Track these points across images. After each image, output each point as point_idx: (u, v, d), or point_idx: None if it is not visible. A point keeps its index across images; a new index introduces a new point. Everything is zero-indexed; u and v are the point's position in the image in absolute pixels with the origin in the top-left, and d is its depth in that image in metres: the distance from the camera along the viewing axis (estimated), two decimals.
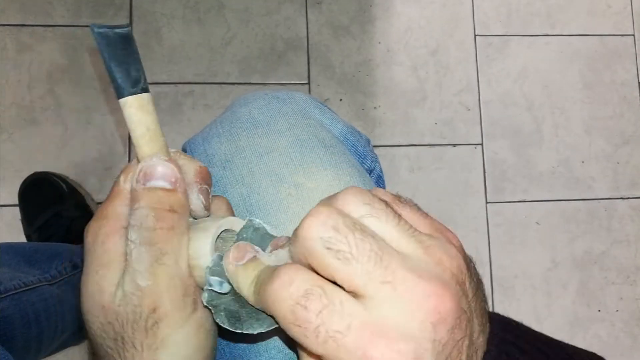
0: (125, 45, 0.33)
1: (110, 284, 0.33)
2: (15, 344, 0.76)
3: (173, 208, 0.33)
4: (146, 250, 0.32)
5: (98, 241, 0.34)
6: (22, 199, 1.25)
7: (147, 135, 0.34)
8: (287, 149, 0.48)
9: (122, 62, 0.32)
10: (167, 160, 0.34)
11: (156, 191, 0.33)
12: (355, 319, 0.26)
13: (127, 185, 0.35)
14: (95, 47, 0.32)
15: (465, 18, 1.50)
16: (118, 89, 0.32)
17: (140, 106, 0.33)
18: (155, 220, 0.32)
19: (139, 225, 0.32)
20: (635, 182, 1.48)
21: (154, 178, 0.33)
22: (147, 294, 0.32)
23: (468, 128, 1.45)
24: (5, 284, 0.76)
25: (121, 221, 0.34)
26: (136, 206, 0.33)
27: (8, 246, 0.91)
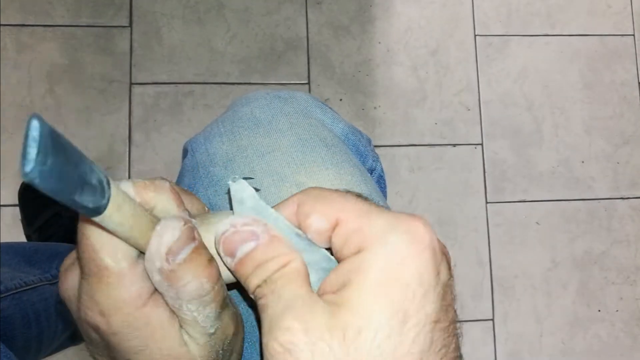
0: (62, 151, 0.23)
1: (181, 347, 0.32)
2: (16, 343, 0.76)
3: (210, 258, 0.32)
4: (212, 309, 0.32)
5: (138, 326, 0.31)
6: (22, 199, 1.25)
7: (134, 224, 0.29)
8: (288, 148, 0.48)
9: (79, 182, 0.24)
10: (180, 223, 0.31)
11: (191, 259, 0.30)
12: None
13: (123, 265, 0.30)
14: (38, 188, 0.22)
15: (465, 18, 1.50)
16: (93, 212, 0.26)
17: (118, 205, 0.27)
18: (209, 283, 0.31)
19: (197, 297, 0.31)
20: (635, 182, 1.48)
21: (180, 250, 0.30)
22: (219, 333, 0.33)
23: (468, 128, 1.45)
24: (5, 284, 0.76)
25: (143, 296, 0.31)
26: (181, 284, 0.30)
27: (8, 246, 0.91)
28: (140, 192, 0.32)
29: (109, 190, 0.26)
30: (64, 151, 0.23)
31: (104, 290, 0.30)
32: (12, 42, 1.34)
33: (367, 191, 0.49)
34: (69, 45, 1.36)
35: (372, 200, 0.32)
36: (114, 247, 0.30)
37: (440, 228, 1.41)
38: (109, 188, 0.26)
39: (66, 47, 1.36)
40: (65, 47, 1.36)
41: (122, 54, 1.37)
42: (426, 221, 0.29)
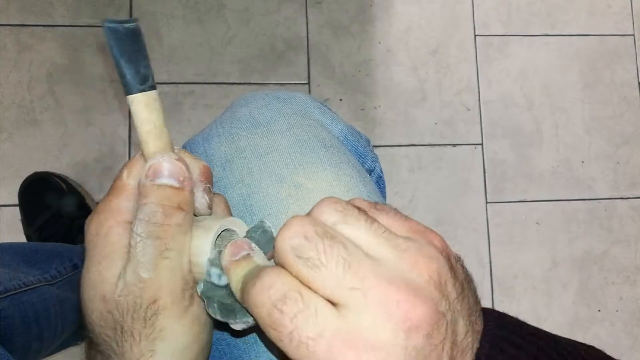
0: (134, 40, 0.32)
1: (112, 275, 0.34)
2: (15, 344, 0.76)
3: (180, 206, 0.34)
4: (152, 244, 0.33)
5: (101, 233, 0.35)
6: (22, 199, 1.25)
7: (153, 132, 0.34)
8: (287, 149, 0.48)
9: (131, 58, 0.32)
10: (177, 159, 0.35)
11: (165, 188, 0.34)
12: (328, 326, 0.27)
13: (130, 181, 0.35)
14: (106, 42, 0.32)
15: (465, 18, 1.50)
16: (127, 86, 0.32)
17: (148, 104, 0.33)
18: (164, 216, 0.33)
19: (147, 220, 0.33)
20: (635, 182, 1.48)
21: (163, 175, 0.34)
22: (148, 286, 0.33)
23: (468, 128, 1.45)
24: (5, 284, 0.76)
25: (124, 215, 0.35)
26: (144, 201, 0.34)
27: (8, 246, 0.91)
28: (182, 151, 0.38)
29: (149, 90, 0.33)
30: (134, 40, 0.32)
31: (107, 195, 0.36)
32: (12, 42, 1.34)
33: (366, 192, 0.49)
34: (69, 45, 1.36)
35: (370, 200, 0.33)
36: (134, 166, 0.36)
37: (441, 228, 1.40)
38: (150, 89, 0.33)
39: (66, 47, 1.36)
40: (65, 47, 1.36)
41: None
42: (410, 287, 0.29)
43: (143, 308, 0.33)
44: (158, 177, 0.34)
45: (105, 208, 0.35)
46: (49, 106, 1.33)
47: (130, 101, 0.33)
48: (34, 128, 1.32)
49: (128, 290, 0.33)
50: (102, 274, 0.34)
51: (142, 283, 0.33)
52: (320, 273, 0.28)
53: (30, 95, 1.33)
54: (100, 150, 1.33)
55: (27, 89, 1.33)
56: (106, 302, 0.33)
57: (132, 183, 0.35)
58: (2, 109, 1.31)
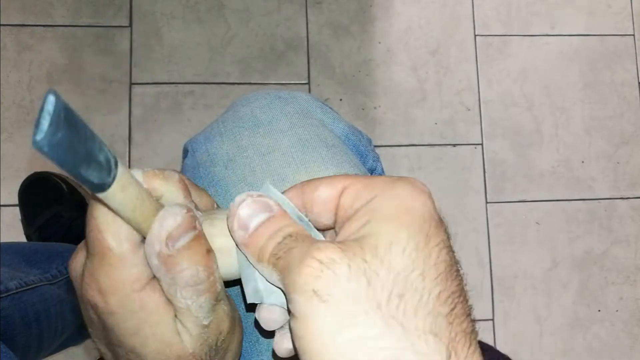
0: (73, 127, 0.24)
1: (174, 335, 0.33)
2: (16, 343, 0.76)
3: (208, 249, 0.33)
4: (205, 299, 0.33)
5: (134, 308, 0.32)
6: (22, 199, 1.25)
7: (137, 206, 0.30)
8: (289, 148, 0.48)
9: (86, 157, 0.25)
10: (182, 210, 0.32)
11: (190, 246, 0.32)
12: None
13: (124, 247, 0.31)
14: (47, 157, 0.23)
15: (465, 18, 1.50)
16: (98, 188, 0.26)
17: (123, 185, 0.28)
18: (205, 272, 0.32)
19: (192, 283, 0.32)
20: (635, 182, 1.48)
21: (180, 236, 0.31)
22: (212, 327, 0.34)
23: (468, 128, 1.45)
24: (5, 284, 0.76)
25: (141, 280, 0.32)
26: (178, 269, 0.31)
27: (8, 246, 0.91)
28: (149, 179, 0.33)
29: (116, 170, 0.27)
30: (75, 127, 0.24)
31: (104, 270, 0.31)
32: (12, 42, 1.34)
33: None
34: (69, 45, 1.36)
35: None
36: (118, 229, 0.31)
37: None
38: (116, 168, 0.27)
39: (66, 47, 1.36)
40: (65, 47, 1.36)
41: (122, 54, 1.37)
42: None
43: (214, 343, 0.34)
44: (178, 240, 0.31)
45: (115, 285, 0.32)
46: None
47: (105, 197, 0.27)
48: (33, 128, 1.31)
49: (197, 340, 0.33)
50: (164, 340, 0.33)
51: (207, 327, 0.34)
52: None
53: (30, 95, 1.33)
54: None
55: (27, 89, 1.33)
56: (182, 358, 0.34)
57: (127, 247, 0.31)
58: (2, 109, 1.31)
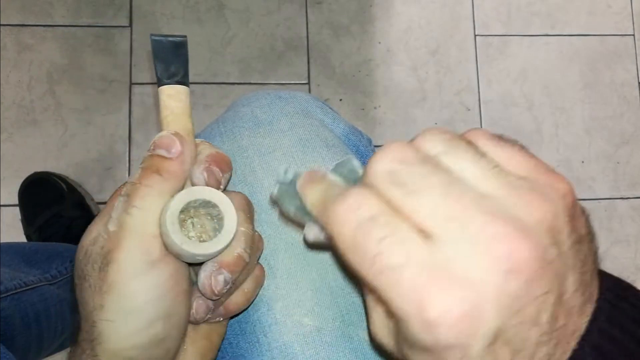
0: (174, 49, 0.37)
1: (95, 229, 0.36)
2: (16, 343, 0.76)
3: (159, 171, 0.35)
4: (123, 200, 0.35)
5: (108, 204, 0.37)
6: (22, 199, 1.25)
7: (169, 117, 0.37)
8: (289, 148, 0.48)
9: (165, 60, 0.37)
10: (174, 134, 0.36)
11: (154, 157, 0.36)
12: (417, 255, 0.25)
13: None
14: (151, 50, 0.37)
15: (465, 18, 1.50)
16: (157, 81, 0.37)
17: (170, 94, 0.37)
18: (139, 177, 0.35)
19: (130, 180, 0.36)
20: (635, 182, 1.48)
21: (157, 147, 0.36)
22: (110, 239, 0.35)
23: (468, 128, 1.45)
24: (5, 284, 0.76)
25: None
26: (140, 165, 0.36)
27: (8, 246, 0.91)
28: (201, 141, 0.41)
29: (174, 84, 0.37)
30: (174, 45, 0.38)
31: None
32: (12, 42, 1.34)
33: None
34: (69, 45, 1.36)
35: None
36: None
37: None
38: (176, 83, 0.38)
39: (66, 47, 1.36)
40: (65, 47, 1.36)
41: (122, 54, 1.37)
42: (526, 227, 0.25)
43: (100, 259, 0.35)
44: (154, 149, 0.36)
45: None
46: (49, 106, 1.33)
47: (159, 92, 0.37)
48: (34, 128, 1.32)
49: (95, 240, 0.35)
50: (90, 228, 0.37)
51: (107, 235, 0.35)
52: (416, 199, 0.25)
53: (30, 95, 1.33)
54: (100, 150, 1.33)
55: (27, 89, 1.33)
56: (80, 251, 0.36)
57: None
58: (2, 109, 1.31)
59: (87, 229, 0.37)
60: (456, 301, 0.24)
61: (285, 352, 0.43)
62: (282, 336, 0.44)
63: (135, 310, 0.35)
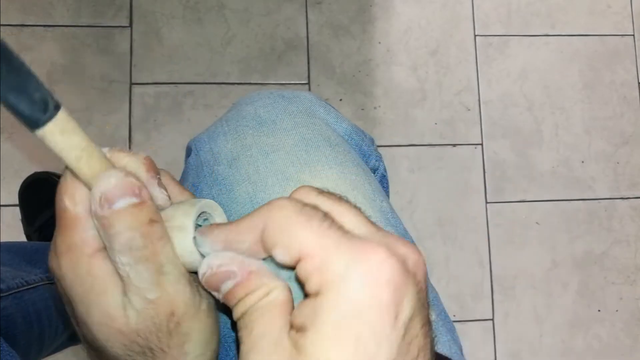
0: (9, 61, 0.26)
1: (117, 308, 0.32)
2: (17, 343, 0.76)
3: (151, 219, 0.32)
4: (145, 268, 0.32)
5: (81, 273, 0.32)
6: (22, 199, 1.25)
7: (83, 157, 0.30)
8: (293, 147, 0.48)
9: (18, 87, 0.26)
10: (120, 173, 0.31)
11: (127, 210, 0.31)
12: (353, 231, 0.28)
13: (79, 209, 0.32)
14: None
15: (465, 18, 1.50)
16: (29, 122, 0.27)
17: (63, 129, 0.28)
18: (142, 238, 0.31)
19: (128, 248, 0.31)
20: (635, 182, 1.48)
21: (117, 198, 0.30)
22: (160, 304, 0.32)
23: (468, 128, 1.45)
24: (7, 283, 0.76)
25: (92, 245, 0.32)
26: (113, 232, 0.31)
27: (9, 245, 0.91)
28: (114, 151, 0.35)
29: (55, 112, 0.28)
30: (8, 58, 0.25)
31: (60, 232, 0.32)
32: (12, 42, 1.34)
33: (371, 191, 0.49)
34: (69, 45, 1.36)
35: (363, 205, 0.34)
36: (75, 191, 0.32)
37: (441, 228, 1.41)
38: (56, 111, 0.28)
39: (66, 47, 1.36)
40: (65, 47, 1.36)
41: (122, 54, 1.37)
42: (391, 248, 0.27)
43: (164, 324, 0.33)
44: (113, 202, 0.30)
45: (68, 247, 0.33)
46: None
47: (42, 136, 0.28)
48: None
49: (143, 317, 0.32)
50: (107, 312, 0.32)
51: (153, 304, 0.32)
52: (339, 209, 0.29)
53: None
54: None
55: None
56: (125, 335, 0.32)
57: (81, 210, 0.32)
58: (2, 109, 1.31)
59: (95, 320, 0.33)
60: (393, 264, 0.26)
61: None
62: None
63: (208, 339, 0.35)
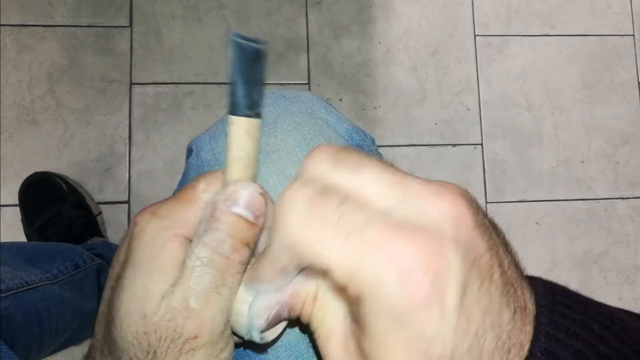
0: (257, 63, 0.31)
1: (158, 293, 0.31)
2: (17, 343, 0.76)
3: (249, 243, 0.31)
4: (210, 274, 0.30)
5: (157, 242, 0.31)
6: (22, 199, 1.25)
7: (244, 161, 0.32)
8: (294, 147, 0.48)
9: (248, 79, 0.31)
10: (260, 193, 0.32)
11: (240, 219, 0.31)
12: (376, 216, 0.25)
13: (205, 196, 0.33)
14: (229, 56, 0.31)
15: (465, 18, 1.50)
16: (235, 106, 0.31)
17: (249, 130, 0.32)
18: (231, 249, 0.31)
19: (214, 247, 0.31)
20: (635, 182, 1.48)
21: (242, 205, 0.31)
22: (193, 318, 0.30)
23: (468, 128, 1.45)
24: (7, 283, 0.76)
25: (186, 229, 0.32)
26: (215, 226, 0.31)
27: (9, 246, 0.91)
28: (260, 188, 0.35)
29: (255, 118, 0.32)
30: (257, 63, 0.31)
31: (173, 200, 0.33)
32: (12, 42, 1.34)
33: None
34: (69, 45, 1.36)
35: None
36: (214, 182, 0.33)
37: None
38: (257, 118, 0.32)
39: (66, 47, 1.36)
40: (65, 47, 1.36)
41: (122, 54, 1.37)
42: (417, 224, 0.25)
43: (182, 340, 0.30)
44: (237, 204, 0.31)
45: (168, 214, 0.32)
46: (49, 106, 1.33)
47: (232, 122, 0.32)
48: (34, 128, 1.31)
49: (172, 316, 0.30)
50: (148, 289, 0.31)
51: (188, 312, 0.30)
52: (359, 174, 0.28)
53: (30, 95, 1.33)
54: (100, 150, 1.33)
55: (27, 89, 1.33)
56: (146, 322, 0.30)
57: (205, 198, 0.33)
58: (2, 109, 1.31)
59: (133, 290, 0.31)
60: (423, 246, 0.24)
61: (290, 350, 0.43)
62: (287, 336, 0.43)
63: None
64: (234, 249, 0.31)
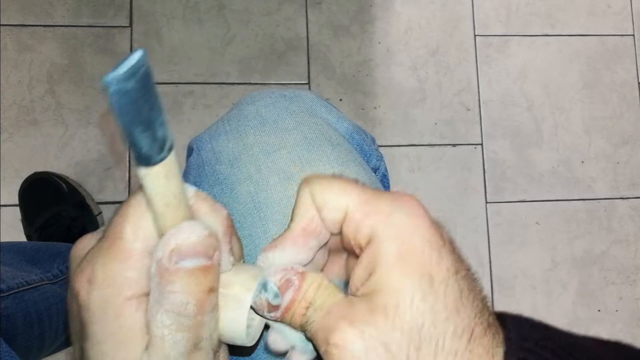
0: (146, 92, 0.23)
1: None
2: (18, 343, 0.76)
3: (212, 288, 0.29)
4: (184, 338, 0.28)
5: (110, 315, 0.28)
6: (22, 199, 1.25)
7: (173, 203, 0.27)
8: (294, 146, 0.48)
9: (144, 119, 0.24)
10: (205, 231, 0.28)
11: (193, 272, 0.28)
12: None
13: (137, 245, 0.28)
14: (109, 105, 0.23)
15: (465, 18, 1.50)
16: (142, 158, 0.25)
17: (167, 174, 0.26)
18: (195, 307, 0.28)
19: (178, 312, 0.28)
20: (635, 182, 1.48)
21: (189, 256, 0.27)
22: None
23: (468, 128, 1.45)
24: (7, 282, 0.76)
25: (133, 289, 0.28)
26: (169, 289, 0.27)
27: (9, 245, 0.91)
28: (198, 199, 0.31)
29: (168, 154, 0.25)
30: (147, 89, 0.23)
31: (105, 259, 0.28)
32: (12, 42, 1.34)
33: None
34: (69, 45, 1.36)
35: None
36: (141, 224, 0.28)
37: None
38: (169, 152, 0.25)
39: (66, 47, 1.36)
40: (65, 47, 1.36)
41: (122, 54, 1.37)
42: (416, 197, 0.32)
43: None
44: (183, 257, 0.27)
45: (106, 279, 0.28)
46: (49, 106, 1.33)
47: (146, 175, 0.26)
48: (34, 128, 1.31)
49: None
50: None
51: None
52: None
53: (30, 95, 1.33)
54: (100, 151, 1.33)
55: (27, 89, 1.33)
56: None
57: (139, 247, 0.28)
58: (2, 109, 1.31)
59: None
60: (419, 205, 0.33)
61: None
62: None
63: None
64: (198, 305, 0.28)
